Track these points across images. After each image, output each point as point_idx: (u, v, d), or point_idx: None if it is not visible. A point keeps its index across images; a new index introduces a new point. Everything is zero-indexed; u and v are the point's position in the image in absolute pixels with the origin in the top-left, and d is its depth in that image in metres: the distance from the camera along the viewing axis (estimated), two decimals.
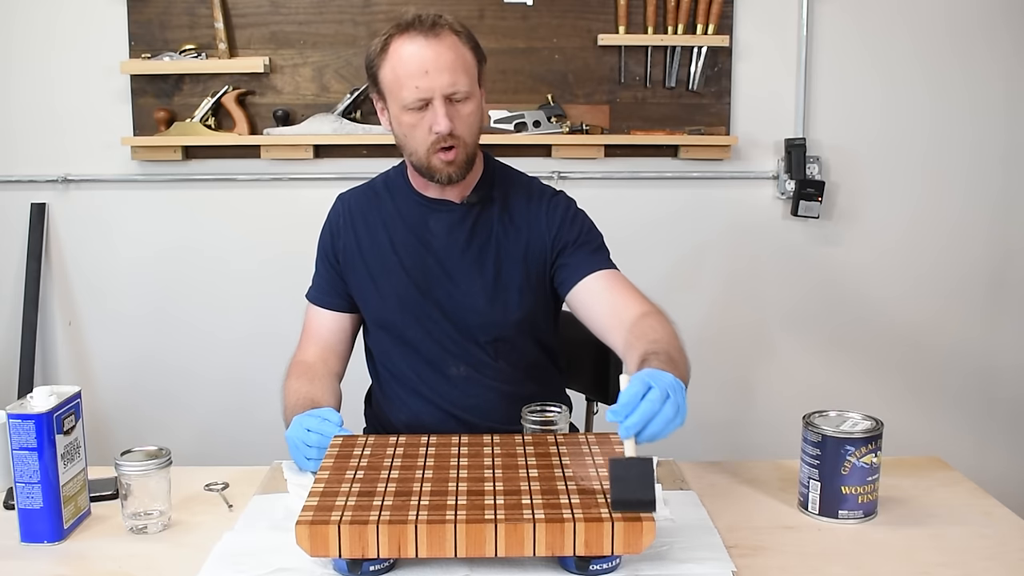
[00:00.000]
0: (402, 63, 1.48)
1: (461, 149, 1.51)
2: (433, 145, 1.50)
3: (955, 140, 2.67)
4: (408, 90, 1.48)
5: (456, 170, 1.53)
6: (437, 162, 1.52)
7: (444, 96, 1.47)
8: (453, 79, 1.47)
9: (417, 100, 1.48)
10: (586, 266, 1.58)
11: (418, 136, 1.51)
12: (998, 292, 2.75)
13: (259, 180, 2.64)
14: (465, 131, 1.51)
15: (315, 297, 1.71)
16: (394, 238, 1.63)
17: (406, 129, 1.52)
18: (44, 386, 1.28)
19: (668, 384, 1.16)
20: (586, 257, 1.59)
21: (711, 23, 2.55)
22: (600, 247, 1.62)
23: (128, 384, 2.71)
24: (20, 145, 2.63)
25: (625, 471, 1.09)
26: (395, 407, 1.68)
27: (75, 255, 2.68)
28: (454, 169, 1.52)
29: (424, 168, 1.54)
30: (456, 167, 1.52)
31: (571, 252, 1.60)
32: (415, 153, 1.54)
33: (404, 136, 1.54)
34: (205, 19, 2.54)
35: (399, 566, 1.13)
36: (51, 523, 1.24)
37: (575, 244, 1.60)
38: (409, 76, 1.47)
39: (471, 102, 1.51)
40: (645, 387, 1.14)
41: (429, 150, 1.51)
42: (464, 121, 1.50)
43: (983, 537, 1.25)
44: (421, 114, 1.49)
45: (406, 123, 1.51)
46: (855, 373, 2.75)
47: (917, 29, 2.62)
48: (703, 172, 2.66)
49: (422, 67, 1.46)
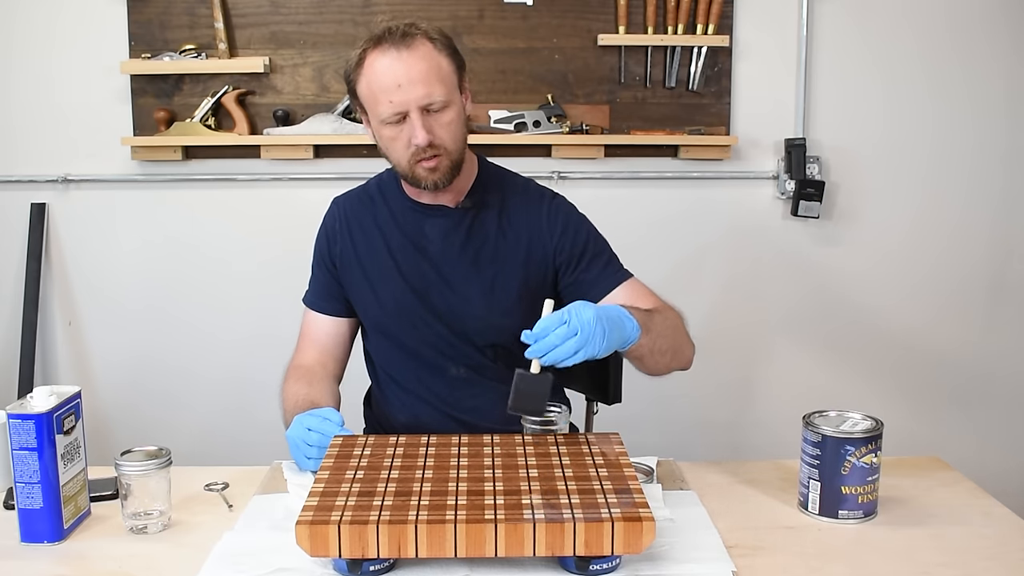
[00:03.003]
0: (376, 78, 1.47)
1: (444, 157, 1.50)
2: (414, 156, 1.49)
3: (956, 140, 2.67)
4: (383, 105, 1.47)
5: (441, 177, 1.52)
6: (421, 171, 1.51)
7: (420, 108, 1.46)
8: (428, 90, 1.46)
9: (393, 114, 1.47)
10: (605, 281, 1.59)
11: (398, 148, 1.50)
12: (998, 292, 2.75)
13: (259, 180, 2.64)
14: (447, 139, 1.50)
15: (312, 302, 1.71)
16: (390, 243, 1.63)
17: (387, 142, 1.52)
18: (44, 386, 1.28)
19: (584, 321, 1.30)
20: (602, 271, 1.60)
21: (711, 23, 2.55)
22: (611, 256, 1.64)
23: (128, 384, 2.71)
24: (20, 145, 2.63)
25: (526, 385, 1.32)
26: (395, 409, 1.68)
27: (75, 255, 2.68)
28: (438, 176, 1.51)
29: (409, 178, 1.54)
30: (440, 174, 1.51)
31: (585, 267, 1.60)
32: (398, 164, 1.54)
33: (386, 148, 1.54)
34: (205, 19, 2.54)
35: (399, 566, 1.13)
36: (51, 523, 1.24)
37: (587, 257, 1.60)
38: (383, 91, 1.46)
39: (450, 110, 1.49)
40: (560, 321, 1.30)
41: (410, 161, 1.50)
42: (445, 129, 1.49)
43: (983, 537, 1.25)
44: (400, 127, 1.48)
45: (386, 136, 1.51)
46: (855, 372, 2.75)
47: (918, 29, 2.62)
48: (703, 172, 2.66)
49: (395, 81, 1.45)
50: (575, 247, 1.60)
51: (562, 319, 1.30)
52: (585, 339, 1.29)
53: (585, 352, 1.30)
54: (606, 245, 1.65)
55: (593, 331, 1.30)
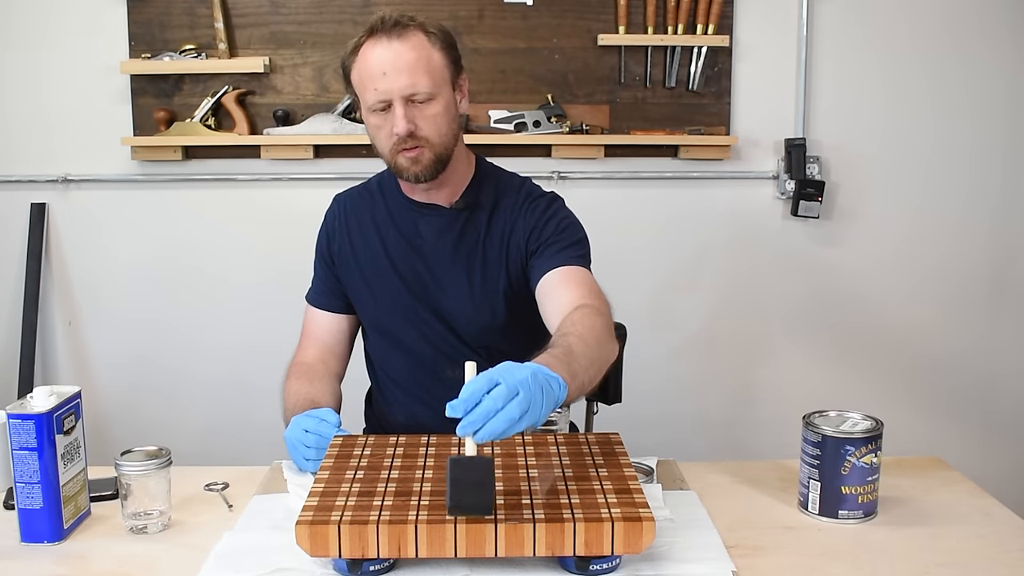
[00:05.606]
0: (365, 66, 1.48)
1: (427, 149, 1.50)
2: (396, 146, 1.49)
3: (956, 140, 2.67)
4: (369, 92, 1.48)
5: (422, 170, 1.51)
6: (403, 161, 1.51)
7: (404, 97, 1.46)
8: (412, 80, 1.46)
9: (378, 102, 1.47)
10: (548, 264, 1.53)
11: (382, 137, 1.51)
12: (999, 292, 2.75)
13: (259, 180, 2.64)
14: (431, 132, 1.49)
15: (314, 299, 1.71)
16: (386, 241, 1.63)
17: (373, 131, 1.53)
18: (44, 386, 1.27)
19: (520, 380, 1.09)
20: (552, 255, 1.54)
21: (711, 23, 2.55)
22: (571, 244, 1.56)
23: (128, 384, 2.71)
24: (20, 145, 2.63)
25: (463, 472, 1.05)
26: (394, 409, 1.69)
27: (75, 255, 2.68)
28: (420, 169, 1.51)
29: (392, 168, 1.54)
30: (422, 167, 1.51)
31: (541, 251, 1.56)
32: (383, 153, 1.54)
33: (372, 137, 1.54)
34: (205, 19, 2.54)
35: (399, 566, 1.13)
36: (51, 523, 1.24)
37: (546, 243, 1.56)
38: (370, 78, 1.47)
39: (436, 103, 1.49)
40: (490, 383, 1.09)
41: (392, 151, 1.51)
42: (429, 122, 1.49)
43: (983, 537, 1.25)
44: (384, 115, 1.49)
45: (372, 124, 1.52)
46: (855, 372, 2.75)
47: (917, 29, 2.62)
48: (703, 172, 2.66)
49: (381, 69, 1.46)
50: (543, 236, 1.56)
51: (492, 380, 1.09)
52: (528, 400, 1.08)
53: (530, 417, 1.09)
54: (575, 237, 1.57)
55: (533, 391, 1.09)
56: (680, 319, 2.72)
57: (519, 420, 1.07)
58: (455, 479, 1.05)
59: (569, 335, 1.31)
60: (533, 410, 1.09)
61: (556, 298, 1.49)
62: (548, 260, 1.54)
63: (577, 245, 1.57)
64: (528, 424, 1.09)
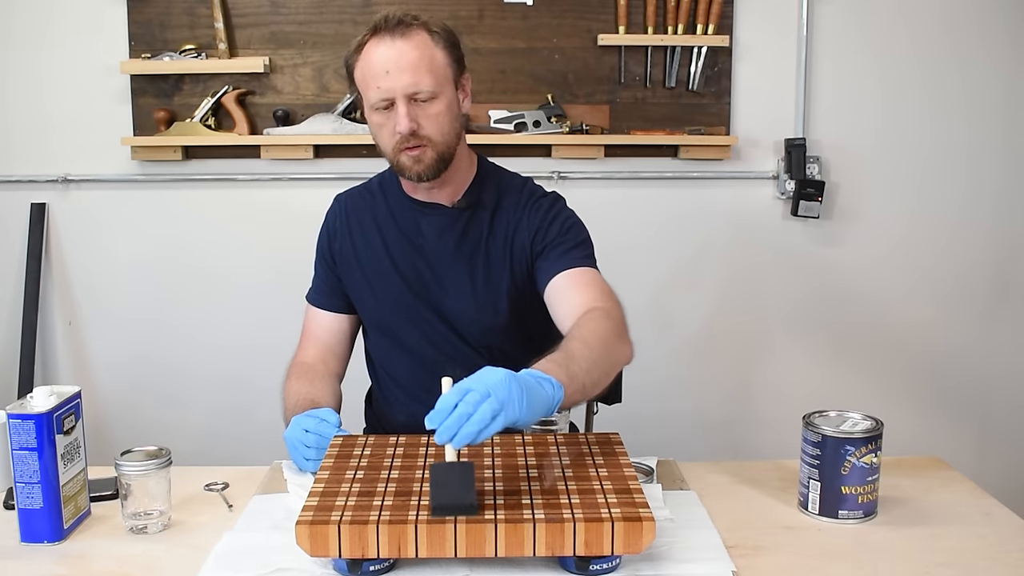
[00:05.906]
0: (368, 64, 1.48)
1: (429, 148, 1.50)
2: (398, 144, 1.50)
3: (955, 140, 2.67)
4: (372, 90, 1.48)
5: (425, 169, 1.51)
6: (405, 159, 1.51)
7: (406, 96, 1.47)
8: (415, 79, 1.46)
9: (380, 100, 1.48)
10: (556, 266, 1.54)
11: (385, 136, 1.51)
12: (998, 291, 2.75)
13: (259, 180, 2.64)
14: (433, 131, 1.49)
15: (314, 298, 1.71)
16: (387, 240, 1.63)
17: (375, 129, 1.53)
18: (44, 386, 1.27)
19: (492, 383, 1.11)
20: (559, 257, 1.55)
21: (711, 23, 2.55)
22: (576, 245, 1.57)
23: (128, 384, 2.71)
24: (20, 145, 2.63)
25: (445, 475, 1.11)
26: (394, 409, 1.69)
27: (75, 255, 2.68)
28: (422, 168, 1.51)
29: (395, 166, 1.55)
30: (424, 166, 1.51)
31: (547, 253, 1.56)
32: (385, 152, 1.54)
33: (375, 135, 1.54)
34: (205, 19, 2.54)
35: (399, 566, 1.13)
36: (51, 523, 1.24)
37: (552, 244, 1.56)
38: (373, 77, 1.47)
39: (439, 102, 1.49)
40: (461, 392, 1.11)
41: (395, 149, 1.51)
42: (431, 120, 1.49)
43: (982, 537, 1.25)
44: (387, 114, 1.49)
45: (375, 123, 1.52)
46: (855, 372, 2.75)
47: (917, 29, 2.62)
48: (703, 172, 2.66)
49: (384, 67, 1.46)
50: (548, 236, 1.57)
51: (465, 388, 1.12)
52: (502, 401, 1.10)
53: (506, 416, 1.10)
54: (579, 238, 1.58)
55: (509, 392, 1.11)
56: (680, 319, 2.72)
57: (492, 421, 1.10)
58: (436, 482, 1.11)
59: (572, 339, 1.35)
60: (508, 410, 1.11)
61: (567, 301, 1.50)
62: (555, 262, 1.55)
63: (582, 245, 1.58)
64: (505, 424, 1.11)
